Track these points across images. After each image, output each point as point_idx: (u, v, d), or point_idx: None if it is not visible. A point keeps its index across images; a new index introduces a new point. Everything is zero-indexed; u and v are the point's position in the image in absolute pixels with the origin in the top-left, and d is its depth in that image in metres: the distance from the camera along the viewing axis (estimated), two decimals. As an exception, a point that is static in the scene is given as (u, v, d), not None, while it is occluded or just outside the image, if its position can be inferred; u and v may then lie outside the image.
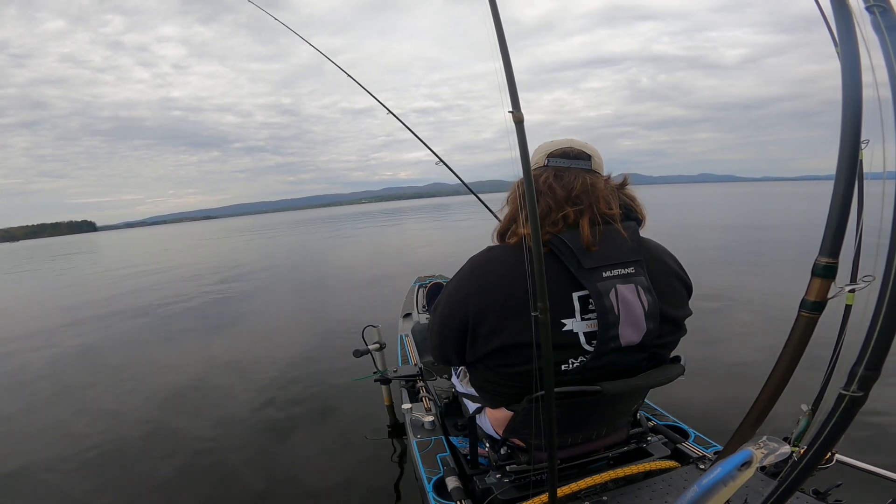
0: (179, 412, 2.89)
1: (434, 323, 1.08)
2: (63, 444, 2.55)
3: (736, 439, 0.84)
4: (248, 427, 2.61)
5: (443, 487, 1.20)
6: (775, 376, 0.77)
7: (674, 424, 1.46)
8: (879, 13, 0.49)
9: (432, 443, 1.42)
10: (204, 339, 4.76)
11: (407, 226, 22.39)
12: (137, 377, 3.64)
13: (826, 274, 0.67)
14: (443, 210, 39.81)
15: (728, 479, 0.63)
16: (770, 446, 0.64)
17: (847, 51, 0.58)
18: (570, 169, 1.01)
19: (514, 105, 0.71)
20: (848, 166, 0.61)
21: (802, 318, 0.71)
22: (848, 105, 0.60)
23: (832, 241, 0.65)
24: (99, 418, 2.90)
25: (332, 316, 5.15)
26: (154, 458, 2.33)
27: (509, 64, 0.70)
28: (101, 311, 6.47)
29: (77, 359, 4.32)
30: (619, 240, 0.95)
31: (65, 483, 2.18)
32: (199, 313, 5.90)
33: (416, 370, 2.04)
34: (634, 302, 0.91)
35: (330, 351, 3.85)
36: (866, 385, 0.54)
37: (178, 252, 17.73)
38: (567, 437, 1.09)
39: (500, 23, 0.69)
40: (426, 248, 11.77)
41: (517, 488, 1.10)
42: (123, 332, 5.26)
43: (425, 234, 16.31)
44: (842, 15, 0.58)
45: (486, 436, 1.21)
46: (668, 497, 1.03)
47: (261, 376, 3.39)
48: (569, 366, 0.94)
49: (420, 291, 3.19)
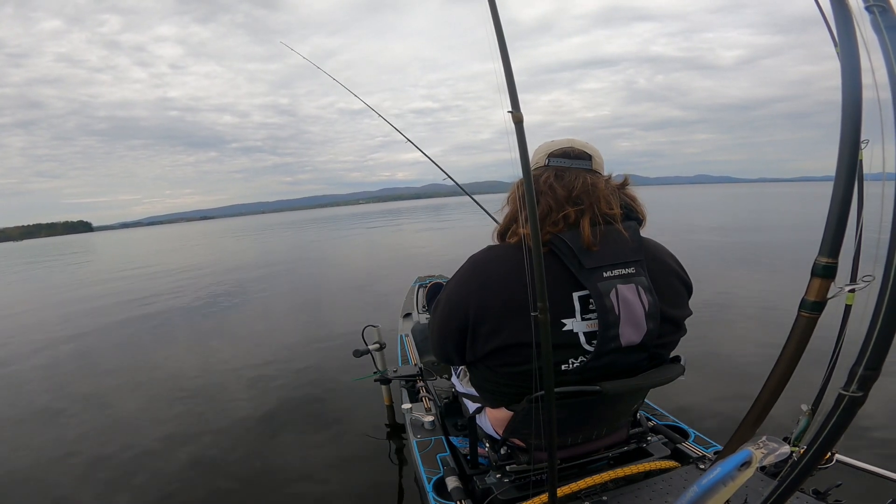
0: (176, 412, 2.89)
1: (434, 321, 1.08)
2: (62, 442, 2.56)
3: (736, 439, 0.84)
4: (247, 427, 2.61)
5: (443, 487, 1.20)
6: (775, 376, 0.77)
7: (674, 424, 1.46)
8: (879, 13, 0.49)
9: (432, 443, 1.42)
10: (203, 340, 4.76)
11: (405, 226, 22.37)
12: (145, 378, 3.64)
13: (826, 274, 0.67)
14: (441, 211, 39.82)
15: (728, 479, 0.63)
16: (770, 446, 0.64)
17: (847, 51, 0.58)
18: (571, 169, 1.01)
19: (513, 105, 0.71)
20: (848, 166, 0.61)
21: (802, 318, 0.71)
22: (847, 105, 0.59)
23: (832, 241, 0.65)
24: (102, 424, 2.91)
25: (332, 316, 5.15)
26: (154, 459, 2.34)
27: (509, 64, 0.70)
28: (115, 312, 6.47)
29: (72, 361, 4.32)
30: (619, 240, 0.95)
31: (62, 484, 2.18)
32: (197, 315, 5.89)
33: (416, 370, 2.04)
34: (635, 302, 0.91)
35: (330, 351, 3.85)
36: (866, 385, 0.54)
37: (185, 253, 17.71)
38: (567, 437, 1.09)
39: (499, 23, 0.69)
40: (425, 248, 11.77)
41: (517, 488, 1.10)
42: (143, 329, 5.26)
43: (424, 235, 16.30)
44: (841, 15, 0.58)
45: (486, 436, 1.21)
46: (668, 497, 1.03)
47: (261, 376, 3.39)
48: (569, 366, 0.94)
49: (420, 291, 3.19)
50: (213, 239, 26.46)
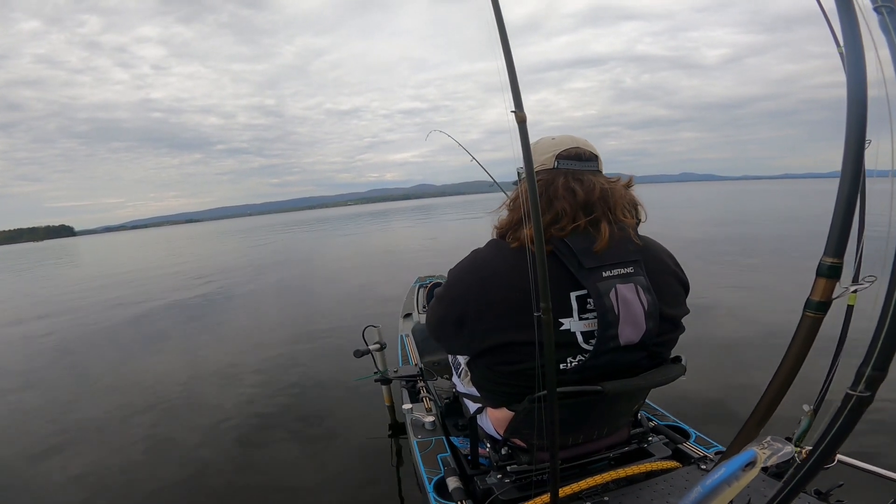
0: (172, 416, 2.88)
1: (433, 311, 1.08)
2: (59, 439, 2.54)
3: (740, 439, 0.83)
4: (248, 427, 2.60)
5: (443, 488, 1.20)
6: (780, 376, 0.76)
7: (675, 425, 1.45)
8: (888, 14, 0.49)
9: (433, 443, 1.42)
10: (201, 340, 4.76)
11: (396, 227, 22.35)
12: (153, 381, 3.63)
13: (831, 274, 0.67)
14: (430, 211, 39.88)
15: (732, 480, 0.63)
16: (774, 446, 0.64)
17: (852, 51, 0.58)
18: (585, 172, 0.99)
19: (516, 105, 0.70)
20: (853, 166, 0.61)
21: (807, 318, 0.71)
22: (853, 105, 0.59)
23: (837, 240, 0.65)
24: (104, 432, 2.89)
25: (332, 316, 5.14)
26: (153, 458, 2.33)
27: (511, 63, 0.69)
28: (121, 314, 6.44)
29: (64, 366, 4.30)
30: (620, 240, 0.95)
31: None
32: (195, 315, 5.88)
33: (417, 370, 2.03)
34: (634, 301, 0.91)
35: (330, 351, 3.84)
36: (873, 385, 0.53)
37: (176, 258, 17.61)
38: (568, 437, 1.09)
39: (502, 22, 0.68)
40: (424, 248, 11.75)
41: (518, 488, 1.10)
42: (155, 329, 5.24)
43: (420, 235, 16.27)
44: (847, 15, 0.58)
45: (486, 436, 1.20)
46: (670, 497, 1.02)
47: (260, 377, 3.39)
48: (567, 364, 0.93)
49: (420, 291, 3.19)
50: (200, 242, 26.27)
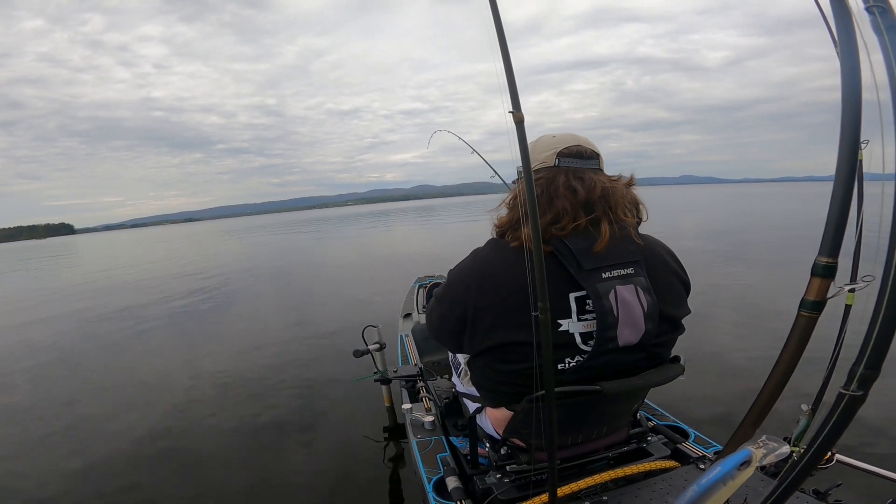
0: (174, 416, 2.89)
1: (433, 311, 1.08)
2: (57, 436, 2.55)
3: (736, 438, 0.84)
4: (247, 427, 2.61)
5: (443, 487, 1.20)
6: (775, 376, 0.77)
7: (674, 424, 1.45)
8: (879, 13, 0.49)
9: (432, 443, 1.42)
10: (200, 341, 4.77)
11: (396, 227, 22.33)
12: (153, 380, 3.64)
13: (826, 274, 0.67)
14: (430, 212, 39.87)
15: (728, 479, 0.63)
16: (770, 446, 0.64)
17: (846, 51, 0.58)
18: (586, 170, 0.98)
19: (514, 105, 0.71)
20: (847, 166, 0.61)
21: (802, 317, 0.71)
22: (847, 105, 0.59)
23: (832, 240, 0.65)
24: (106, 434, 2.90)
25: (331, 316, 5.15)
26: (154, 459, 2.34)
27: (510, 64, 0.70)
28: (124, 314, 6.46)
29: (62, 366, 4.32)
30: (620, 240, 0.94)
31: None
32: (195, 315, 5.89)
33: (417, 370, 2.03)
34: (633, 303, 0.91)
35: (330, 351, 3.85)
36: (866, 384, 0.54)
37: (178, 257, 17.64)
38: (567, 437, 1.09)
39: (500, 24, 0.69)
40: (423, 248, 11.75)
41: (517, 488, 1.10)
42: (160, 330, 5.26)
43: (418, 235, 16.27)
44: (841, 15, 0.58)
45: (486, 436, 1.20)
46: (669, 497, 1.02)
47: (260, 377, 3.39)
48: (565, 365, 0.93)
49: (420, 291, 3.19)
50: (201, 241, 26.27)
